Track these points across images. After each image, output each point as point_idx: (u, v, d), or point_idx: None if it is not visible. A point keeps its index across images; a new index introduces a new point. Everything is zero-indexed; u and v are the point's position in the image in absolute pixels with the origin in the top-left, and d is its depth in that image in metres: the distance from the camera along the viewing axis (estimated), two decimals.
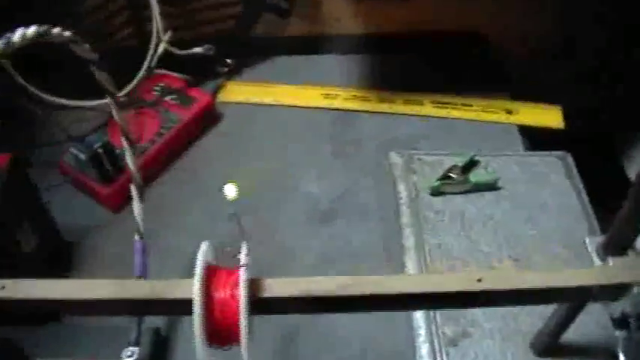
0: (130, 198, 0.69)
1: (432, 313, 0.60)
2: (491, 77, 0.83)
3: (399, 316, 0.61)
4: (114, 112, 0.53)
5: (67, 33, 0.44)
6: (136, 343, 0.56)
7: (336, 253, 0.66)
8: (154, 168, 0.74)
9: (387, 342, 0.60)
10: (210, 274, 0.36)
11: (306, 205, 0.71)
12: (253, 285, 0.37)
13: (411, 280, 0.39)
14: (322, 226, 0.69)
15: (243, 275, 0.35)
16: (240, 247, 0.37)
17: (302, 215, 0.70)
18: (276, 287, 0.38)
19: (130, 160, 0.55)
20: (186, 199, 0.72)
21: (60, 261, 0.67)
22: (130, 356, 0.55)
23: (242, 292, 0.35)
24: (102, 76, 0.49)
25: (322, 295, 0.38)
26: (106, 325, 0.58)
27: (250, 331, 0.35)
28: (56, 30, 0.43)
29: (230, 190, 0.41)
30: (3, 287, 0.38)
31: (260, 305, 0.37)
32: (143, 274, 0.57)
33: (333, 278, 0.38)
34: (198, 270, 0.35)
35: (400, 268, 0.64)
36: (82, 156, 0.72)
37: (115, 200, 0.70)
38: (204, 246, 0.37)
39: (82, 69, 0.78)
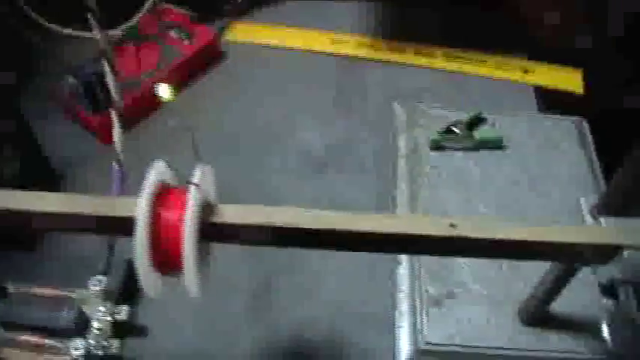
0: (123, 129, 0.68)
1: (416, 270, 0.57)
2: (509, 35, 0.79)
3: (381, 272, 0.58)
4: (94, 31, 0.51)
5: None
6: (104, 273, 0.54)
7: (325, 204, 0.63)
8: (150, 102, 0.71)
9: (367, 297, 0.57)
10: (162, 193, 0.34)
11: (299, 153, 0.68)
12: (207, 209, 0.35)
13: (380, 219, 0.36)
14: (314, 175, 0.66)
15: (193, 194, 0.33)
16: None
17: (294, 162, 0.67)
18: (232, 213, 0.35)
19: (110, 81, 0.53)
20: (178, 138, 0.69)
21: (44, 188, 0.65)
22: (95, 285, 0.54)
23: (189, 213, 0.32)
24: None
25: (282, 226, 0.35)
26: (77, 255, 0.56)
27: (202, 259, 0.33)
28: None
29: (164, 91, 0.38)
30: None
31: (211, 231, 0.34)
32: None
33: (297, 210, 0.36)
34: (147, 187, 0.33)
35: None
36: (76, 84, 0.70)
37: (106, 130, 0.67)
38: (158, 164, 0.35)
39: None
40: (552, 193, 0.63)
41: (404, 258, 0.58)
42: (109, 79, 0.53)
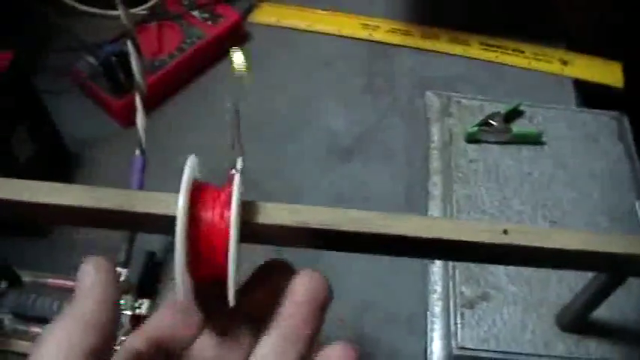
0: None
1: (450, 269, 0.54)
2: (548, 24, 0.75)
3: (414, 269, 0.55)
4: (120, 9, 0.48)
5: None
6: (125, 264, 0.52)
7: (351, 193, 0.61)
8: (171, 84, 0.69)
9: (398, 295, 0.54)
10: (198, 190, 0.31)
11: (325, 140, 0.65)
12: (246, 208, 0.32)
13: (428, 223, 0.33)
14: (340, 163, 0.63)
15: (236, 191, 0.30)
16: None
17: (320, 150, 0.64)
18: (274, 213, 0.32)
19: (134, 64, 0.50)
20: (200, 120, 0.67)
21: (59, 171, 0.63)
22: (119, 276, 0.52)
23: (233, 213, 0.29)
24: None
25: (325, 228, 0.32)
26: (96, 244, 0.54)
27: (238, 260, 0.30)
28: None
29: (238, 58, 0.35)
30: None
31: (251, 232, 0.31)
32: None
33: (339, 210, 0.33)
34: (184, 183, 0.30)
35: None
36: (96, 64, 0.68)
37: (126, 113, 0.65)
38: (191, 158, 0.32)
39: None
40: (592, 191, 0.60)
41: None
42: (133, 62, 0.50)
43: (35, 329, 0.51)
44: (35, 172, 0.59)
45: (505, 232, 0.33)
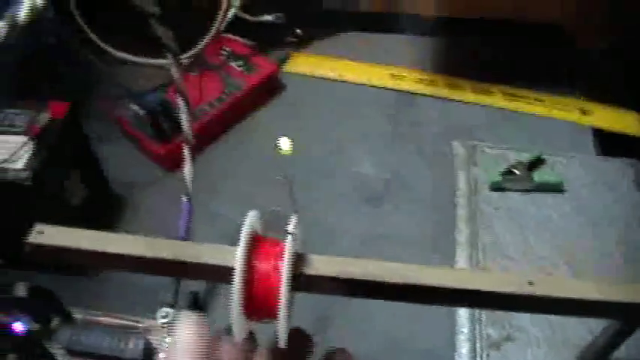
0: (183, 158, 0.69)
1: (477, 313, 0.57)
2: (567, 74, 0.79)
3: (440, 312, 0.58)
4: (172, 68, 0.52)
5: None
6: (172, 305, 0.56)
7: (380, 237, 0.64)
8: (211, 132, 0.73)
9: (425, 338, 0.57)
10: (255, 243, 0.35)
11: (355, 184, 0.69)
12: (297, 260, 0.35)
13: (465, 275, 0.37)
14: (369, 207, 0.67)
15: (289, 247, 0.34)
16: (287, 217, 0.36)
17: (350, 194, 0.68)
18: (322, 265, 0.36)
19: (184, 119, 0.54)
20: (240, 167, 0.71)
21: (107, 213, 0.67)
22: (164, 317, 0.55)
23: (285, 266, 0.33)
24: (162, 31, 0.48)
25: (369, 280, 0.36)
26: (142, 284, 0.57)
27: (289, 307, 0.34)
28: None
29: (285, 144, 0.39)
30: (42, 232, 0.38)
31: (301, 281, 0.35)
32: (186, 237, 0.57)
33: (381, 263, 0.36)
34: (243, 237, 0.34)
35: (447, 260, 0.61)
36: (141, 112, 0.72)
37: (169, 160, 0.69)
38: (252, 214, 0.36)
39: (146, 27, 0.78)
40: (610, 234, 0.63)
41: None
42: (182, 113, 0.54)
43: None
44: (86, 215, 0.63)
45: (530, 283, 0.37)
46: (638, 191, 0.67)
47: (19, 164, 0.56)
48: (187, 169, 0.56)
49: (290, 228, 0.35)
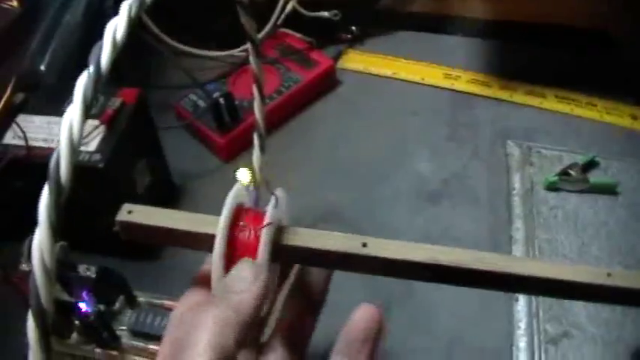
0: (241, 149, 0.71)
1: (534, 308, 0.58)
2: (618, 80, 0.80)
3: (499, 307, 0.59)
4: (251, 58, 0.53)
5: None
6: None
7: (439, 234, 0.65)
8: (270, 125, 0.74)
9: (484, 331, 0.58)
10: (240, 214, 0.36)
11: (413, 183, 0.70)
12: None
13: (535, 263, 0.38)
14: (428, 206, 0.68)
15: (268, 217, 0.35)
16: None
17: (408, 192, 0.69)
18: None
19: (257, 109, 0.55)
20: (294, 160, 0.72)
21: (168, 202, 0.68)
22: None
23: (264, 235, 0.35)
24: (246, 19, 0.49)
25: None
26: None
27: (270, 277, 0.35)
28: None
29: (243, 176, 0.42)
30: (130, 212, 0.40)
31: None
32: None
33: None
34: (227, 207, 0.36)
35: None
36: (201, 103, 0.74)
37: (228, 150, 0.71)
38: (237, 186, 0.38)
39: (204, 20, 0.79)
40: None
41: (521, 296, 0.59)
42: (257, 106, 0.55)
43: (152, 346, 0.54)
44: (150, 202, 0.64)
45: (609, 275, 0.38)
46: None
47: (91, 147, 0.57)
48: (256, 157, 0.57)
49: (272, 200, 0.36)
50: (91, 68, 0.29)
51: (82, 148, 0.56)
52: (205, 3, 0.82)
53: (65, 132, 0.28)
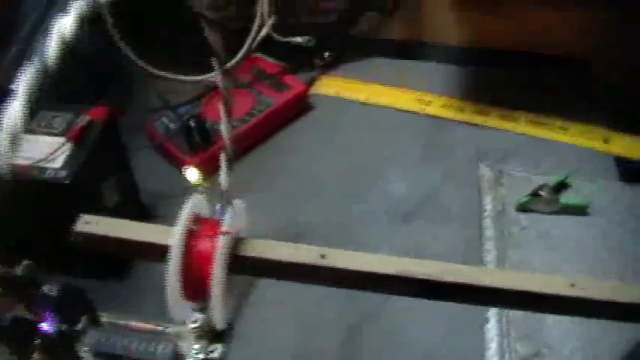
0: (214, 170, 0.70)
1: (505, 328, 0.57)
2: (589, 103, 0.80)
3: (470, 325, 0.59)
4: (217, 78, 0.53)
5: None
6: (201, 310, 0.55)
7: (410, 253, 0.64)
8: (240, 147, 0.74)
9: (454, 350, 0.58)
10: (198, 225, 0.36)
11: (386, 204, 0.69)
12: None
13: (503, 274, 0.37)
14: (400, 226, 0.67)
15: (224, 227, 0.35)
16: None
17: (381, 213, 0.69)
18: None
19: (224, 130, 0.55)
20: (267, 182, 0.72)
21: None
22: (194, 322, 0.55)
23: (220, 244, 0.35)
24: (210, 34, 0.49)
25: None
26: None
27: (226, 289, 0.35)
28: None
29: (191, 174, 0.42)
30: (87, 223, 0.39)
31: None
32: None
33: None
34: (183, 216, 0.36)
35: None
36: (173, 125, 0.74)
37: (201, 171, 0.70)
38: (196, 196, 0.38)
39: (178, 43, 0.78)
40: (637, 255, 0.63)
41: (492, 315, 0.59)
42: (223, 127, 0.54)
43: None
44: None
45: (572, 285, 0.37)
46: None
47: (57, 164, 0.56)
48: (223, 177, 0.56)
49: (229, 210, 0.37)
50: (37, 60, 0.28)
51: (48, 165, 0.56)
52: (184, 25, 0.82)
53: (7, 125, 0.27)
